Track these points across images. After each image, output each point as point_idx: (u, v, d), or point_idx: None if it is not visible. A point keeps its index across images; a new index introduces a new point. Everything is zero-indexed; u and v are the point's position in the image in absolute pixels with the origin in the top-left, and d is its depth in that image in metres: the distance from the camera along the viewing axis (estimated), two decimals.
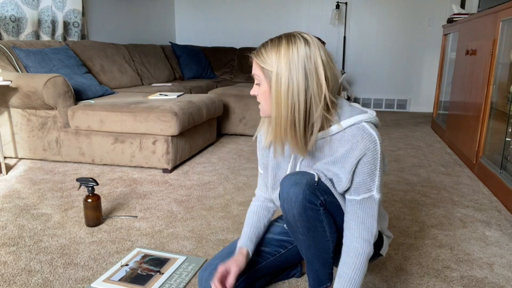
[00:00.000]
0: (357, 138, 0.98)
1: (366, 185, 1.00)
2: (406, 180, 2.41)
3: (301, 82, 0.96)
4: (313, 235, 1.04)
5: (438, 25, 4.86)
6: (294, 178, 1.02)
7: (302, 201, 0.99)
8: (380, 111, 5.18)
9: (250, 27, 5.39)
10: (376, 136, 0.98)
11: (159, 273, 1.39)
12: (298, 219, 1.02)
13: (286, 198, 1.02)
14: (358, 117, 1.00)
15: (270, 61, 0.99)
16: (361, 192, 1.01)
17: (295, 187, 1.00)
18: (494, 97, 2.36)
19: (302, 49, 0.97)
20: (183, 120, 2.47)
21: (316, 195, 1.01)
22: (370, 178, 0.99)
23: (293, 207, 1.01)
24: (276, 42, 1.00)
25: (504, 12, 2.19)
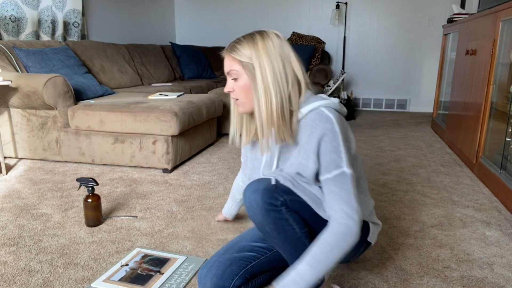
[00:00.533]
0: (316, 122, 1.04)
1: (335, 162, 1.02)
2: (406, 180, 2.41)
3: (281, 69, 1.05)
4: (284, 235, 1.06)
5: (438, 25, 4.86)
6: (253, 186, 1.07)
7: (262, 205, 1.03)
8: (380, 111, 5.18)
9: (250, 27, 5.38)
10: (333, 117, 1.03)
11: (159, 273, 1.39)
12: (265, 223, 1.06)
13: (249, 206, 1.06)
14: (317, 103, 1.06)
15: (250, 54, 1.05)
16: (331, 169, 1.03)
17: (254, 194, 1.05)
18: (494, 97, 2.36)
19: (275, 40, 1.07)
20: (183, 120, 2.47)
21: (275, 197, 1.04)
22: (336, 155, 1.02)
23: (256, 213, 1.05)
24: (250, 37, 1.07)
25: (504, 12, 2.19)
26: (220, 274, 1.13)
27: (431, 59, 4.98)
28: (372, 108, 5.30)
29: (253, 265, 1.19)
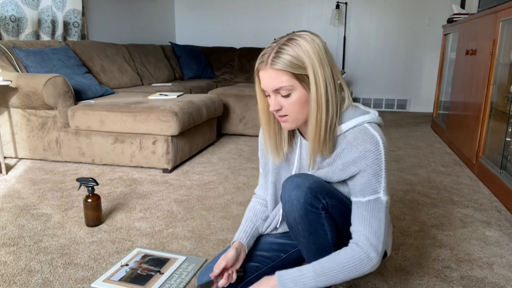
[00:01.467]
0: (358, 141, 0.96)
1: (372, 186, 0.96)
2: (406, 180, 2.41)
3: (331, 77, 0.94)
4: (314, 238, 1.02)
5: (438, 25, 4.86)
6: (296, 181, 1.00)
7: (303, 204, 0.98)
8: (380, 111, 5.18)
9: (250, 27, 5.39)
10: (379, 137, 0.95)
11: (159, 273, 1.39)
12: (299, 223, 1.01)
13: (288, 201, 1.00)
14: (360, 119, 0.98)
15: (301, 62, 0.92)
16: (366, 193, 0.97)
17: (297, 190, 0.98)
18: (494, 97, 2.36)
19: (319, 43, 0.94)
20: (183, 120, 2.47)
21: (318, 199, 0.98)
22: (375, 179, 0.95)
23: (294, 210, 0.99)
24: (292, 42, 0.93)
25: (504, 12, 2.19)
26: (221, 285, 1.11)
27: (431, 59, 4.98)
28: (372, 108, 5.29)
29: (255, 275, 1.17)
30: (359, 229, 0.97)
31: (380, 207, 0.96)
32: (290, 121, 0.99)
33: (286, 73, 0.92)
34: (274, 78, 0.94)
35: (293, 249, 1.23)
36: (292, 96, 0.95)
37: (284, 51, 0.92)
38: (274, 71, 0.93)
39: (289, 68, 0.92)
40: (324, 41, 0.96)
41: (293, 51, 0.92)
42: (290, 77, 0.93)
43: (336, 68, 0.97)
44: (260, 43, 5.39)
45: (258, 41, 5.40)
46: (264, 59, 0.95)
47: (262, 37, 5.38)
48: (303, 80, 0.93)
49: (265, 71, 0.95)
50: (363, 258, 0.95)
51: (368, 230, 0.96)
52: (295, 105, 0.96)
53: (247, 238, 1.17)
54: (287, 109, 0.97)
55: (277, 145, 1.09)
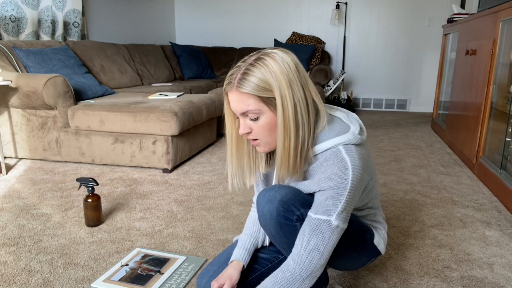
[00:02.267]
0: (328, 163, 0.92)
1: (326, 207, 0.91)
2: (406, 180, 2.41)
3: (303, 99, 0.89)
4: None
5: (438, 25, 4.86)
6: (268, 195, 0.98)
7: (276, 218, 0.96)
8: (380, 111, 5.18)
9: (250, 27, 5.39)
10: (349, 161, 0.90)
11: (159, 273, 1.39)
12: (276, 236, 1.00)
13: (261, 216, 0.99)
14: (334, 140, 0.93)
15: (269, 86, 0.88)
16: (318, 211, 0.92)
17: (269, 205, 0.96)
18: (494, 97, 2.36)
19: (288, 59, 0.89)
20: (183, 120, 2.47)
21: (291, 210, 0.95)
22: (332, 202, 0.91)
23: (269, 225, 0.99)
24: (259, 63, 0.89)
25: (504, 12, 2.19)
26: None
27: (431, 59, 4.98)
28: (372, 108, 5.30)
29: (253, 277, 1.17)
30: (297, 242, 0.94)
31: (327, 230, 0.91)
32: (262, 144, 0.96)
33: (252, 96, 0.89)
34: (240, 101, 0.90)
35: None
36: (261, 120, 0.92)
37: (250, 72, 0.88)
38: (241, 94, 0.90)
39: (255, 91, 0.88)
40: (296, 59, 0.92)
41: (260, 72, 0.88)
42: (256, 101, 0.89)
43: (310, 87, 0.92)
44: (260, 43, 5.39)
45: (258, 41, 5.40)
46: (231, 81, 0.91)
47: (262, 37, 5.38)
48: (271, 103, 0.89)
49: (232, 94, 0.91)
50: (288, 277, 0.93)
51: (304, 247, 0.92)
52: (264, 128, 0.92)
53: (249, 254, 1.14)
54: (256, 132, 0.94)
55: (251, 166, 1.05)
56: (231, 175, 1.06)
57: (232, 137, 1.02)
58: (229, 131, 1.02)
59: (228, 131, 1.03)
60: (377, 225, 1.17)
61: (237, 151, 1.03)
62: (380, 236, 1.15)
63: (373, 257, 1.15)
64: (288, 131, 0.90)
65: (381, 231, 1.17)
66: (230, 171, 1.05)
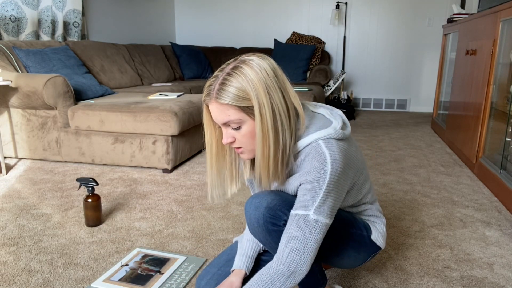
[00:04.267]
0: (308, 157, 0.92)
1: (304, 202, 0.91)
2: (406, 180, 2.41)
3: (283, 103, 0.89)
4: None
5: (438, 25, 4.86)
6: (255, 202, 0.98)
7: (263, 225, 0.97)
8: (380, 111, 5.18)
9: (250, 27, 5.39)
10: (328, 155, 0.90)
11: (159, 273, 1.39)
12: (266, 242, 1.01)
13: (250, 224, 1.00)
14: (314, 135, 0.93)
15: (247, 95, 0.87)
16: (297, 207, 0.92)
17: (255, 212, 0.97)
18: (494, 97, 2.36)
19: (265, 65, 0.89)
20: (183, 120, 2.47)
21: (278, 216, 0.96)
22: (310, 196, 0.90)
23: (257, 232, 0.99)
24: (236, 72, 0.88)
25: (504, 12, 2.19)
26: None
27: (431, 59, 4.98)
28: (372, 108, 5.30)
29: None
30: (281, 241, 0.94)
31: (306, 225, 0.90)
32: (246, 152, 0.96)
33: (232, 106, 0.89)
34: (221, 112, 0.90)
35: None
36: (243, 129, 0.92)
37: (228, 82, 0.88)
38: (220, 105, 0.89)
39: (234, 102, 0.88)
40: (274, 63, 0.91)
41: (237, 82, 0.87)
42: (237, 111, 0.89)
43: (289, 91, 0.92)
44: (260, 43, 5.39)
45: (258, 41, 5.40)
46: (210, 91, 0.91)
47: (262, 37, 5.38)
48: (251, 112, 0.89)
49: (212, 105, 0.91)
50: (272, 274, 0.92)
51: (285, 244, 0.92)
52: (246, 137, 0.92)
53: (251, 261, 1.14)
54: (239, 141, 0.94)
55: (233, 174, 1.05)
56: (211, 186, 1.05)
57: (212, 147, 1.02)
58: (209, 141, 1.02)
59: (207, 141, 1.02)
60: (374, 220, 1.15)
61: (217, 161, 1.03)
62: (378, 231, 1.14)
63: (372, 253, 1.15)
64: (266, 139, 0.89)
65: (379, 226, 1.15)
66: (210, 182, 1.05)
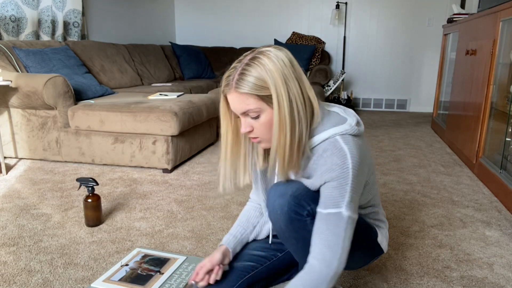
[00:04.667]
0: (327, 153, 0.93)
1: (334, 200, 0.92)
2: (406, 180, 2.41)
3: (299, 93, 0.91)
4: (302, 245, 1.01)
5: (438, 25, 4.86)
6: (280, 189, 0.99)
7: (287, 213, 0.97)
8: (380, 111, 5.18)
9: (250, 27, 5.39)
10: (347, 150, 0.91)
11: (159, 273, 1.39)
12: (286, 230, 1.01)
13: (272, 210, 1.00)
14: (331, 131, 0.94)
15: (265, 84, 0.89)
16: (328, 206, 0.93)
17: (280, 199, 0.98)
18: (494, 97, 2.36)
19: (283, 56, 0.91)
20: (183, 120, 2.47)
21: (302, 205, 0.97)
22: (339, 193, 0.92)
23: (279, 219, 0.99)
24: (255, 62, 0.90)
25: (504, 12, 2.19)
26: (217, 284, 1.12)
27: (431, 59, 4.98)
28: (372, 108, 5.30)
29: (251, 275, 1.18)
30: (315, 241, 0.95)
31: (340, 222, 0.92)
32: (264, 141, 0.98)
33: (251, 96, 0.90)
34: (240, 101, 0.92)
35: None
36: (261, 118, 0.93)
37: (247, 72, 0.90)
38: (240, 95, 0.91)
39: (254, 91, 0.90)
40: (290, 55, 0.93)
41: (256, 72, 0.89)
42: (256, 100, 0.91)
43: (304, 82, 0.93)
44: (260, 43, 5.39)
45: (258, 41, 5.40)
46: (229, 82, 0.92)
47: (262, 37, 5.38)
48: (270, 101, 0.91)
49: (231, 95, 0.93)
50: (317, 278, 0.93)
51: (323, 244, 0.93)
52: (265, 126, 0.94)
53: (235, 244, 1.18)
54: (258, 130, 0.95)
55: (246, 165, 1.06)
56: (223, 177, 1.08)
57: (228, 138, 1.04)
58: (224, 132, 1.03)
59: (223, 132, 1.03)
60: (379, 224, 1.17)
61: (231, 152, 1.05)
62: (382, 234, 1.16)
63: (376, 255, 1.16)
64: (283, 128, 0.91)
65: (383, 230, 1.17)
66: (223, 173, 1.07)
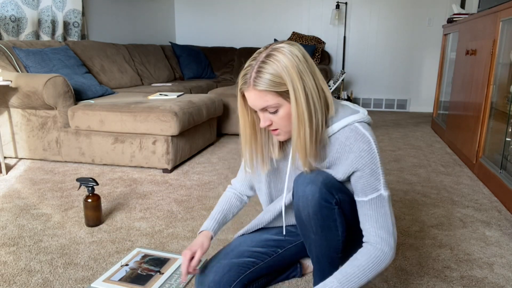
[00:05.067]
0: (351, 140, 0.98)
1: (372, 185, 0.98)
2: (406, 180, 2.41)
3: (314, 86, 0.95)
4: (326, 234, 1.04)
5: (438, 25, 4.86)
6: (310, 177, 1.01)
7: (318, 199, 0.99)
8: (380, 111, 5.18)
9: (250, 27, 5.39)
10: (370, 136, 0.97)
11: (159, 273, 1.39)
12: (313, 218, 1.02)
13: (302, 196, 1.01)
14: (350, 118, 0.99)
15: (282, 80, 0.92)
16: (368, 192, 0.99)
17: (311, 186, 1.00)
18: (494, 97, 2.36)
19: (296, 51, 0.93)
20: (183, 120, 2.47)
21: (332, 194, 1.00)
22: (374, 178, 0.98)
23: (309, 205, 1.01)
24: (270, 59, 0.93)
25: (504, 12, 2.19)
26: (218, 280, 1.12)
27: (431, 59, 4.98)
28: (372, 108, 5.30)
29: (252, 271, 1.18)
30: (367, 227, 1.00)
31: (383, 202, 0.99)
32: (282, 133, 1.01)
33: (269, 92, 0.93)
34: (259, 98, 0.95)
35: (290, 245, 1.24)
36: (280, 112, 0.96)
37: (264, 70, 0.92)
38: (258, 92, 0.94)
39: (271, 87, 0.92)
40: (303, 49, 0.96)
41: (273, 69, 0.92)
42: (274, 96, 0.94)
43: (318, 75, 0.97)
44: (260, 43, 5.39)
45: (258, 41, 5.40)
46: (246, 80, 0.95)
47: (262, 37, 5.38)
48: (287, 96, 0.94)
49: (249, 92, 0.95)
50: (379, 255, 0.97)
51: (376, 226, 0.99)
52: (283, 119, 0.97)
53: (217, 226, 1.21)
54: (277, 123, 0.99)
55: (264, 156, 1.10)
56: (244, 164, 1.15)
57: (246, 132, 1.07)
58: (243, 127, 1.07)
59: (242, 127, 1.07)
60: None
61: (249, 145, 1.09)
62: None
63: None
64: (302, 121, 0.94)
65: None
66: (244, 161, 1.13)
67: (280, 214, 1.17)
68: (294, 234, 1.25)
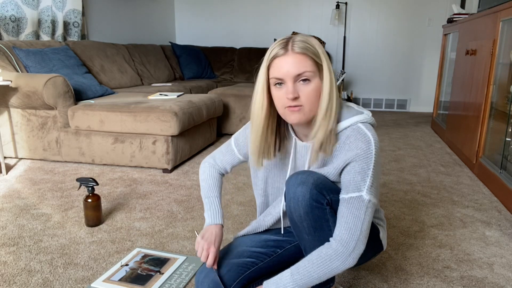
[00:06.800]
0: (351, 139, 0.98)
1: (356, 184, 0.96)
2: (406, 180, 2.41)
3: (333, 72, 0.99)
4: (319, 235, 1.03)
5: (438, 25, 4.86)
6: (301, 177, 1.01)
7: (309, 200, 0.99)
8: (380, 111, 5.18)
9: (250, 27, 5.39)
10: (371, 136, 0.97)
11: (159, 273, 1.39)
12: (305, 219, 1.01)
13: (293, 197, 1.01)
14: (354, 118, 1.00)
15: (318, 54, 0.96)
16: (349, 190, 0.97)
17: (302, 186, 0.99)
18: (494, 97, 2.36)
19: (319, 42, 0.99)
20: (183, 120, 2.47)
21: (323, 194, 0.99)
22: (360, 177, 0.96)
23: (299, 207, 1.00)
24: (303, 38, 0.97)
25: (504, 12, 2.19)
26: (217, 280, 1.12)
27: (431, 59, 4.98)
28: (372, 108, 5.30)
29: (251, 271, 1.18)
30: (337, 225, 0.98)
31: (361, 205, 0.96)
32: (303, 112, 0.97)
33: (309, 58, 0.95)
34: (297, 62, 0.94)
35: (289, 245, 1.25)
36: (311, 84, 0.96)
37: (304, 40, 0.95)
38: (298, 56, 0.94)
39: (311, 53, 0.95)
40: None
41: (311, 43, 0.96)
42: (313, 63, 0.95)
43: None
44: (260, 43, 5.39)
45: (258, 41, 5.40)
46: (285, 45, 0.95)
47: (262, 37, 5.38)
48: (320, 70, 0.96)
49: (287, 56, 0.95)
50: (331, 253, 0.96)
51: (343, 226, 0.97)
52: (312, 94, 0.96)
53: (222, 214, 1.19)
54: (303, 97, 0.96)
55: (270, 145, 1.08)
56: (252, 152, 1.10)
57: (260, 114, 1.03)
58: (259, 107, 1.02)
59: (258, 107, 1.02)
60: (379, 222, 1.19)
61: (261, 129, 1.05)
62: (383, 232, 1.19)
63: (377, 251, 1.18)
64: (331, 101, 0.96)
65: (383, 228, 1.20)
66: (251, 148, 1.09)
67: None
68: (293, 234, 1.25)
